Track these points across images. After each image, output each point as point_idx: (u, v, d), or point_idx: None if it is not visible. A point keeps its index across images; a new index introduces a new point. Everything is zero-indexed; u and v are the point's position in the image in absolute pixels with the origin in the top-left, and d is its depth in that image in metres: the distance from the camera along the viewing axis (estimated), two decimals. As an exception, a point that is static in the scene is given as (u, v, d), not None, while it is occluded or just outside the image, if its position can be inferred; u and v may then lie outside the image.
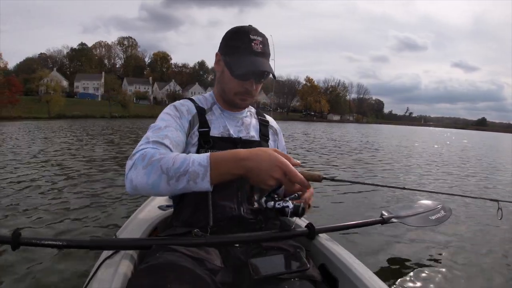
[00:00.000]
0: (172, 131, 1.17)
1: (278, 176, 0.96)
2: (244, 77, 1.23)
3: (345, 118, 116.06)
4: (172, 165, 0.97)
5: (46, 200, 4.27)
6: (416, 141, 21.93)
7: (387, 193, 5.01)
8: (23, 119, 38.10)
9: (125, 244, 1.19)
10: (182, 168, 0.96)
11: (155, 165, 0.98)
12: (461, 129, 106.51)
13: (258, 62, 1.21)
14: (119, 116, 57.17)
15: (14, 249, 1.09)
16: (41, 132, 18.29)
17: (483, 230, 3.45)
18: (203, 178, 0.96)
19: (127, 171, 1.03)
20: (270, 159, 0.96)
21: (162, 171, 0.97)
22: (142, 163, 1.00)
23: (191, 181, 0.96)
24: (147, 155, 1.01)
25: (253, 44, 1.22)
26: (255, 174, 0.96)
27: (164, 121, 1.20)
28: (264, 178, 0.96)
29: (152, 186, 0.98)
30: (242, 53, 1.22)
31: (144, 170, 0.99)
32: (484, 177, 7.46)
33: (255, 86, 1.26)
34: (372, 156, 10.20)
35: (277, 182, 0.97)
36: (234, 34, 1.26)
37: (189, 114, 1.28)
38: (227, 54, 1.25)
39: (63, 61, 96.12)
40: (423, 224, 2.12)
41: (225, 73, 1.26)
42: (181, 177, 0.96)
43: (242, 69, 1.20)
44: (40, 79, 58.90)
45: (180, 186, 0.97)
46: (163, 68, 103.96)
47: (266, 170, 0.95)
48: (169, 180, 0.97)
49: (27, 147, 10.33)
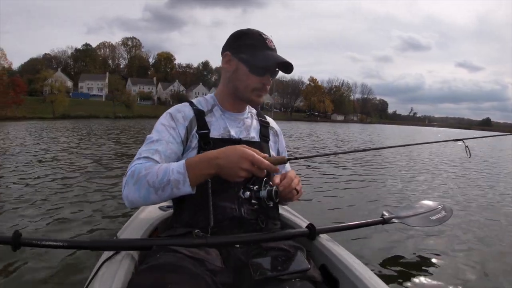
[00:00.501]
0: (163, 145, 1.21)
1: (246, 167, 1.02)
2: (265, 71, 1.27)
3: (349, 118, 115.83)
4: (156, 178, 1.07)
5: (47, 200, 4.28)
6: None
7: (388, 194, 5.01)
8: (27, 119, 38.38)
9: (125, 245, 1.20)
10: (165, 178, 1.06)
11: (142, 180, 1.09)
12: (465, 129, 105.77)
13: (277, 56, 1.28)
14: (123, 116, 57.44)
15: (15, 250, 1.10)
16: (46, 132, 18.43)
17: (485, 231, 3.43)
18: (183, 184, 1.05)
19: (123, 189, 1.14)
20: (237, 153, 1.03)
21: (149, 185, 1.08)
22: (132, 180, 1.11)
23: (175, 188, 1.06)
24: (135, 172, 1.11)
25: (267, 42, 1.28)
26: (226, 170, 1.04)
27: (158, 133, 1.24)
28: (234, 171, 1.03)
29: (144, 198, 1.10)
30: (260, 49, 1.26)
31: (135, 186, 1.10)
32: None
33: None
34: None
35: (248, 173, 1.04)
36: (246, 34, 1.30)
37: (186, 120, 1.28)
38: (242, 52, 1.27)
39: (68, 62, 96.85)
40: (423, 224, 2.11)
41: (241, 70, 1.28)
42: (165, 187, 1.06)
43: (264, 62, 1.25)
44: (45, 80, 59.23)
45: (166, 194, 1.08)
46: (167, 69, 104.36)
47: (235, 163, 1.02)
48: (156, 191, 1.08)
49: (30, 147, 10.42)
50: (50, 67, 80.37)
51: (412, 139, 24.29)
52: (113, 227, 3.29)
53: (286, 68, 1.30)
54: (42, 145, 11.20)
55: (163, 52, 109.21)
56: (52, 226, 3.34)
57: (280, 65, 1.29)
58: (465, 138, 1.77)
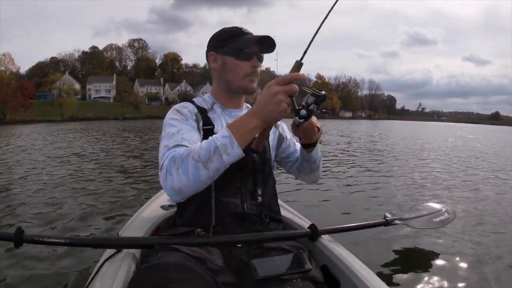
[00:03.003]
0: (186, 133, 1.18)
1: (276, 90, 0.96)
2: (252, 55, 1.27)
3: (357, 114, 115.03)
4: (201, 151, 1.00)
5: (50, 198, 4.35)
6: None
7: (391, 195, 4.94)
8: (36, 122, 38.81)
9: (127, 243, 1.21)
10: (211, 147, 0.99)
11: (186, 160, 1.01)
12: (475, 124, 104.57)
13: (255, 35, 1.29)
14: (132, 117, 57.75)
15: (17, 246, 1.13)
16: (53, 134, 18.60)
17: (488, 233, 3.35)
18: (232, 146, 0.98)
19: (163, 182, 1.04)
20: (263, 92, 0.99)
21: (196, 160, 0.99)
22: (175, 166, 1.02)
23: (224, 154, 0.98)
24: (176, 157, 1.03)
25: (243, 29, 1.31)
26: (267, 109, 0.98)
27: (175, 127, 1.21)
28: (276, 104, 0.97)
29: (194, 179, 1.00)
30: (238, 36, 1.29)
31: (179, 170, 1.01)
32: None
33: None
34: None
35: (286, 98, 0.97)
36: (222, 30, 1.35)
37: (192, 114, 1.30)
38: (224, 46, 1.30)
39: (75, 65, 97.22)
40: (426, 226, 2.11)
41: (228, 62, 1.29)
42: (213, 156, 0.98)
43: (246, 43, 1.26)
44: (53, 83, 59.71)
45: (215, 165, 0.99)
46: (174, 69, 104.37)
47: (269, 97, 0.97)
48: (205, 165, 0.99)
49: (37, 148, 10.57)
50: (57, 70, 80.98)
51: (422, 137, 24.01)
52: (115, 225, 3.30)
53: (269, 45, 1.30)
54: (47, 146, 11.40)
55: (169, 52, 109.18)
56: (54, 223, 3.38)
57: (263, 42, 1.29)
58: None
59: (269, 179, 1.35)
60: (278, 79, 0.98)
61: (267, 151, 1.36)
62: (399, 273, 2.48)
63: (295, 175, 1.53)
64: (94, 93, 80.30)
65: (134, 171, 6.68)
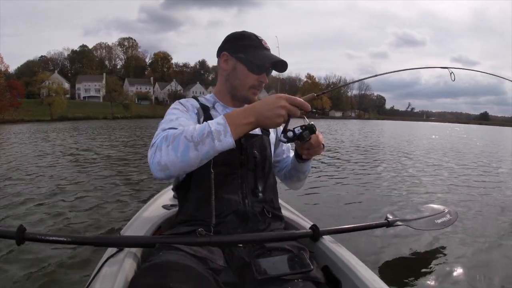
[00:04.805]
0: (185, 121, 1.19)
1: (283, 104, 1.01)
2: (263, 70, 1.32)
3: (347, 114, 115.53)
4: (194, 132, 1.00)
5: (51, 197, 4.34)
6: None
7: (393, 196, 4.96)
8: (25, 122, 38.31)
9: (129, 242, 1.21)
10: (205, 130, 0.99)
11: (179, 138, 1.01)
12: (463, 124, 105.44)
13: (274, 55, 1.35)
14: (121, 117, 57.19)
15: (19, 244, 1.12)
16: (47, 133, 18.44)
17: (490, 234, 3.37)
18: (225, 134, 0.99)
19: (151, 157, 1.03)
20: (272, 96, 1.03)
21: (188, 140, 0.99)
22: (166, 143, 1.02)
23: (216, 140, 0.98)
24: (169, 135, 1.03)
25: (263, 42, 1.34)
26: (265, 113, 1.01)
27: (174, 115, 1.23)
28: (274, 112, 1.01)
29: (182, 157, 0.99)
30: (257, 49, 1.31)
31: (171, 146, 1.01)
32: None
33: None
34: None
35: (286, 113, 1.02)
36: (242, 35, 1.35)
37: (194, 108, 1.33)
38: (240, 52, 1.31)
39: (64, 63, 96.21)
40: (428, 227, 2.11)
41: (239, 69, 1.31)
42: (205, 139, 0.99)
43: (262, 61, 1.30)
44: (42, 82, 58.89)
45: (206, 148, 0.99)
46: (164, 68, 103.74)
47: (272, 104, 1.01)
48: (196, 146, 0.99)
49: (32, 148, 10.46)
50: (46, 69, 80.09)
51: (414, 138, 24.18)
52: (117, 225, 3.31)
53: (281, 67, 1.35)
54: (45, 145, 11.25)
55: (160, 52, 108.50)
56: (56, 222, 3.38)
57: (276, 64, 1.34)
58: (451, 67, 1.73)
59: (269, 175, 1.36)
60: (290, 98, 1.03)
61: (268, 147, 1.37)
62: (401, 274, 2.49)
63: (280, 179, 1.58)
64: (84, 92, 79.46)
65: (136, 171, 6.64)
